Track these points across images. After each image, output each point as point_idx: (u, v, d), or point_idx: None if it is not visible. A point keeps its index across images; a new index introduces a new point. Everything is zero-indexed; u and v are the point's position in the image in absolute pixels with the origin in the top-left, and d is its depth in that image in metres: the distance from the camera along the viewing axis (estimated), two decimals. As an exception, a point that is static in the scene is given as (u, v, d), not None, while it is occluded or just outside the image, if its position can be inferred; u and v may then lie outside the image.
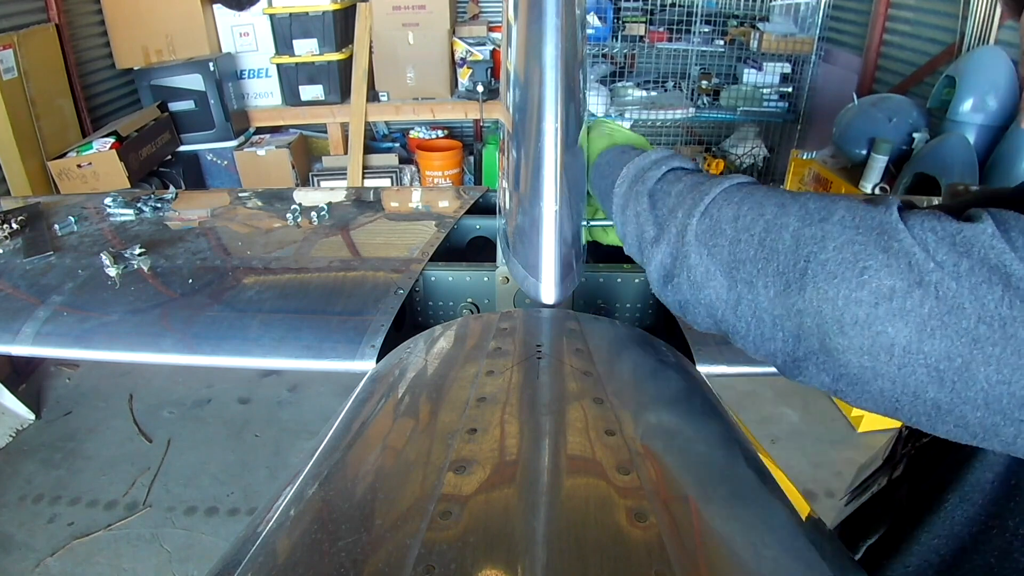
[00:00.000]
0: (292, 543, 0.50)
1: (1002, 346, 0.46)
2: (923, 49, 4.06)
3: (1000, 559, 0.63)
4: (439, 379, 0.72)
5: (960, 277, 0.48)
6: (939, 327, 0.48)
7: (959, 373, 0.48)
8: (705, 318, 0.67)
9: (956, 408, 0.50)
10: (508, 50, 0.84)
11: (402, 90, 4.84)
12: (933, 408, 0.51)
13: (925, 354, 0.49)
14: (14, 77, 3.36)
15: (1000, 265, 0.47)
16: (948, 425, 0.52)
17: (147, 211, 1.48)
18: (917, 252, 0.50)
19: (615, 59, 5.42)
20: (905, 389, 0.51)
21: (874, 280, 0.51)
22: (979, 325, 0.47)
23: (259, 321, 1.04)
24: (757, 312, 0.60)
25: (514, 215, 0.91)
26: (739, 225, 0.62)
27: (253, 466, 2.99)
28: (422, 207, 1.68)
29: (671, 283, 0.68)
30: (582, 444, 0.56)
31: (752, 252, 0.60)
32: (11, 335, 1.03)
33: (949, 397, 0.49)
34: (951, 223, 0.50)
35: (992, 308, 0.46)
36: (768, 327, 0.60)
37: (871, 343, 0.51)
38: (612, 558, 0.42)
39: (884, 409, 0.55)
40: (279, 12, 4.45)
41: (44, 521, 2.67)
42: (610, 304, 1.17)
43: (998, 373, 0.47)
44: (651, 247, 0.70)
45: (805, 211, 0.58)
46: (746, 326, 0.62)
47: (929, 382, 0.50)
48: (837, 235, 0.54)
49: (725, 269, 0.62)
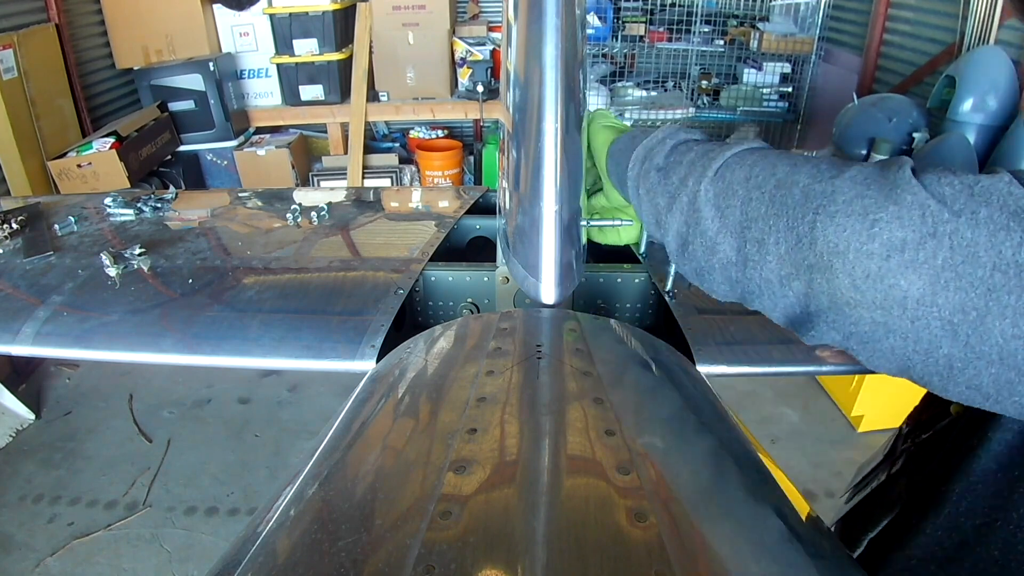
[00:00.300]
0: (292, 543, 0.50)
1: (1018, 294, 0.45)
2: (923, 49, 4.06)
3: (1004, 551, 0.63)
4: (439, 379, 0.72)
5: (977, 225, 0.47)
6: (953, 278, 0.47)
7: (973, 326, 0.47)
8: (721, 284, 0.66)
9: (970, 365, 0.48)
10: (508, 50, 0.84)
11: (402, 90, 4.84)
12: (946, 366, 0.50)
13: (939, 307, 0.48)
14: (14, 77, 3.36)
15: (1020, 210, 0.46)
16: (960, 386, 0.50)
17: (147, 211, 1.48)
18: (931, 204, 0.49)
19: (615, 59, 5.42)
20: (918, 345, 0.50)
21: (885, 232, 0.50)
22: (994, 274, 0.46)
23: (259, 321, 1.04)
24: (766, 272, 0.59)
25: (514, 215, 0.91)
26: (751, 184, 0.61)
27: (253, 466, 2.99)
28: (422, 207, 1.68)
29: (686, 251, 0.68)
30: (582, 444, 0.56)
31: (763, 209, 0.59)
32: (11, 335, 1.03)
33: (963, 352, 0.48)
34: (967, 176, 0.50)
35: (1009, 255, 0.45)
36: (777, 287, 0.59)
37: (883, 296, 0.50)
38: (612, 558, 0.42)
39: (896, 367, 0.54)
40: (279, 12, 4.45)
41: (44, 521, 2.67)
42: (610, 304, 1.17)
43: (1014, 326, 0.45)
44: (666, 217, 0.70)
45: (817, 169, 0.57)
46: (758, 287, 0.61)
47: (943, 336, 0.49)
48: (847, 189, 0.54)
49: (736, 229, 0.62)
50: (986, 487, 0.66)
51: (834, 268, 0.53)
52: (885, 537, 0.82)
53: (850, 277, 0.52)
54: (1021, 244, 0.45)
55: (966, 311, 0.47)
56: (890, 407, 3.04)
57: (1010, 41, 3.39)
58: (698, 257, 0.67)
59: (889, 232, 0.50)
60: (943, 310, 0.48)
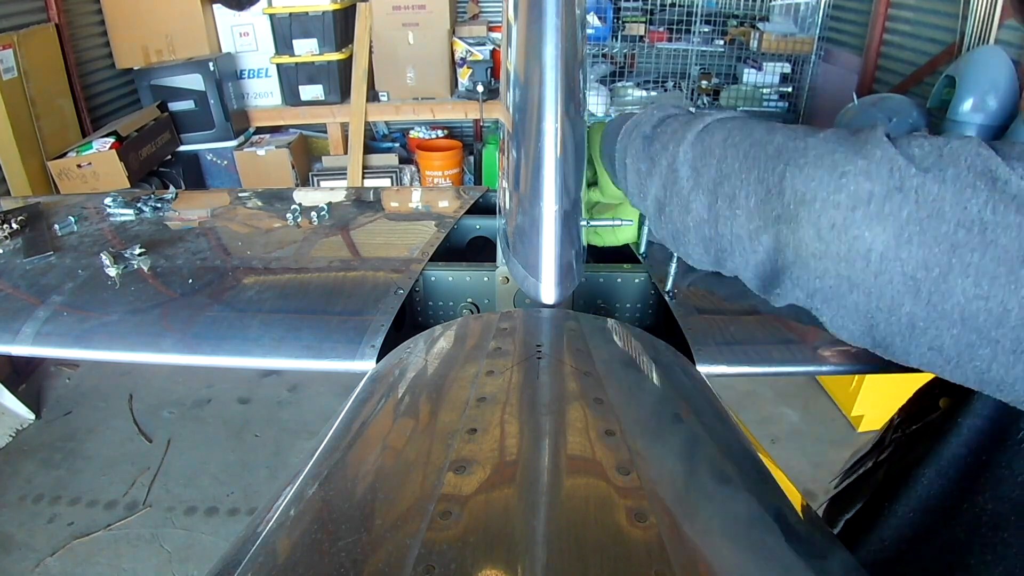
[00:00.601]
0: (292, 543, 0.50)
1: (980, 252, 0.45)
2: (923, 49, 4.06)
3: (969, 533, 0.64)
4: (439, 379, 0.72)
5: (944, 182, 0.47)
6: (917, 232, 0.48)
7: (936, 284, 0.47)
8: (695, 246, 0.67)
9: (932, 324, 0.49)
10: (508, 50, 0.84)
11: (402, 90, 4.84)
12: (908, 325, 0.50)
13: (902, 261, 0.48)
14: (14, 77, 3.36)
15: (987, 170, 0.46)
16: (923, 347, 0.51)
17: (147, 211, 1.48)
18: (900, 160, 0.50)
19: (615, 59, 5.42)
20: (881, 302, 0.51)
21: (852, 184, 0.51)
22: (958, 230, 0.46)
23: (259, 321, 1.04)
24: (736, 228, 0.60)
25: (514, 215, 0.91)
26: (727, 143, 0.63)
27: (253, 466, 2.99)
28: (422, 207, 1.68)
29: (663, 214, 0.70)
30: (582, 444, 0.56)
31: (737, 165, 0.60)
32: (11, 335, 1.03)
33: (925, 311, 0.49)
34: (938, 139, 0.50)
35: (974, 213, 0.46)
36: (747, 242, 0.60)
37: (847, 248, 0.51)
38: (612, 558, 0.42)
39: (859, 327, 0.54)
40: (279, 12, 4.45)
41: (44, 521, 2.67)
42: (610, 304, 1.17)
43: (976, 286, 0.46)
44: (646, 181, 0.72)
45: (793, 131, 0.59)
46: (729, 244, 0.62)
47: (905, 292, 0.49)
48: (819, 145, 0.55)
49: (710, 187, 0.63)
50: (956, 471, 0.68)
51: (800, 218, 0.54)
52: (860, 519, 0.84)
53: (815, 227, 0.53)
54: (987, 203, 0.45)
55: (929, 267, 0.47)
56: (890, 407, 3.02)
57: (1010, 41, 3.39)
58: (674, 219, 0.68)
59: (856, 184, 0.51)
60: (906, 265, 0.48)
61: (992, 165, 0.46)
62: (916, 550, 0.71)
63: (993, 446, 0.64)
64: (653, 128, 0.73)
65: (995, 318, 0.45)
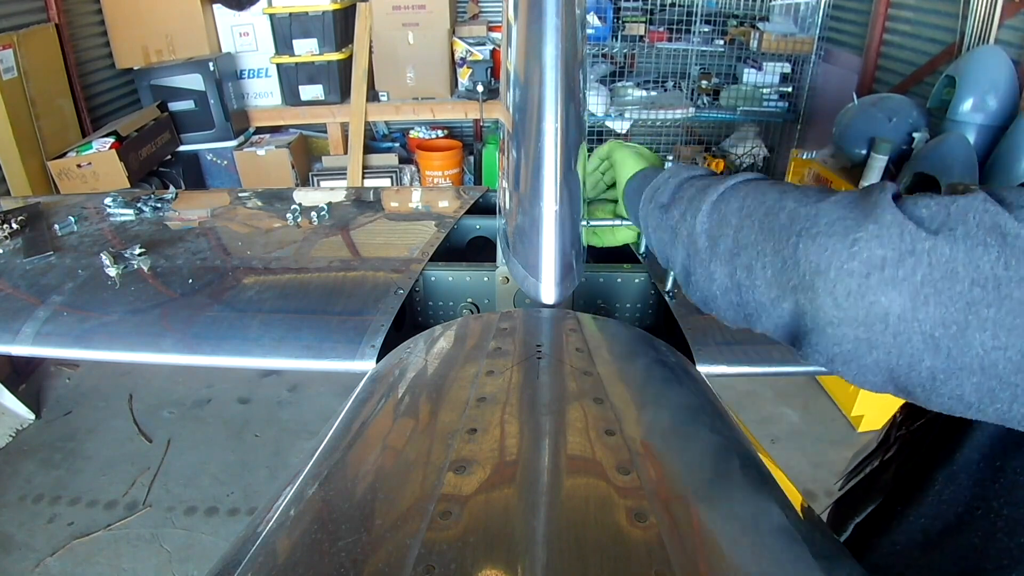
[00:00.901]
0: (292, 543, 0.50)
1: (996, 307, 0.46)
2: (923, 49, 4.06)
3: (984, 539, 0.64)
4: (439, 379, 0.72)
5: (955, 242, 0.48)
6: (932, 294, 0.48)
7: (954, 340, 0.48)
8: (726, 310, 0.68)
9: (952, 376, 0.49)
10: (508, 50, 0.84)
11: (402, 90, 4.84)
12: (929, 378, 0.51)
13: (920, 321, 0.49)
14: (14, 77, 3.36)
15: (996, 226, 0.47)
16: (943, 396, 0.51)
17: (147, 211, 1.48)
18: (909, 224, 0.50)
19: (615, 59, 5.42)
20: (901, 359, 0.51)
21: (865, 251, 0.51)
22: (973, 288, 0.47)
23: (259, 321, 1.04)
24: (758, 295, 0.61)
25: (514, 215, 0.91)
26: (743, 214, 0.64)
27: (253, 466, 2.99)
28: (422, 207, 1.68)
29: (691, 281, 0.71)
30: (582, 444, 0.56)
31: (752, 236, 0.61)
32: (11, 335, 1.03)
33: (945, 364, 0.49)
34: (944, 198, 0.51)
35: (987, 270, 0.46)
36: (771, 308, 0.61)
37: (865, 314, 0.52)
38: (612, 558, 0.42)
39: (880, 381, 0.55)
40: (279, 12, 4.45)
41: (44, 521, 2.67)
42: (610, 304, 1.17)
43: (994, 338, 0.47)
44: (670, 251, 0.74)
45: (803, 195, 0.60)
46: (755, 310, 0.63)
47: (925, 350, 0.50)
48: (830, 211, 0.55)
49: (727, 257, 0.64)
50: (968, 476, 0.67)
51: (816, 287, 0.55)
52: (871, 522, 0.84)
53: (832, 296, 0.53)
54: (998, 259, 0.46)
55: (947, 325, 0.48)
56: (890, 407, 3.02)
57: (1010, 41, 3.39)
58: (701, 287, 0.69)
59: (869, 250, 0.51)
60: (924, 325, 0.49)
61: (1000, 220, 0.47)
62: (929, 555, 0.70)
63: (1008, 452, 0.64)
64: (670, 196, 0.75)
65: (1014, 365, 0.47)
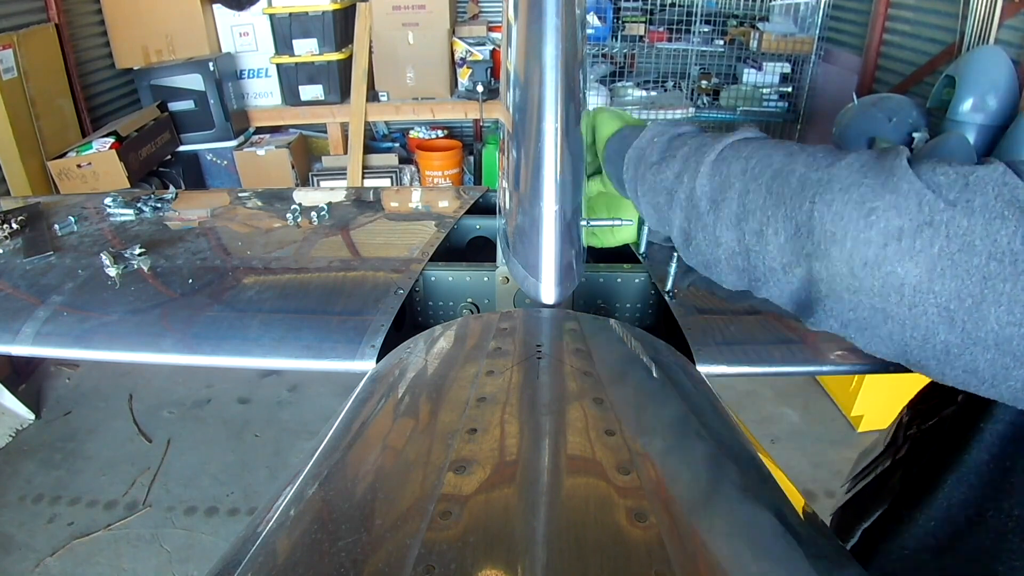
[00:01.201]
0: (292, 543, 0.50)
1: (1012, 282, 0.45)
2: (923, 49, 4.06)
3: (996, 541, 0.64)
4: (439, 379, 0.72)
5: (973, 213, 0.47)
6: (949, 266, 0.48)
7: (969, 313, 0.48)
8: (728, 274, 0.67)
9: (966, 351, 0.49)
10: (508, 50, 0.84)
11: (402, 90, 4.84)
12: (943, 351, 0.51)
13: (935, 294, 0.49)
14: (14, 77, 3.36)
15: (1015, 200, 0.47)
16: (957, 371, 0.51)
17: (147, 211, 1.48)
18: (927, 193, 0.50)
19: (615, 59, 5.42)
20: (915, 331, 0.51)
21: (882, 220, 0.51)
22: (990, 262, 0.46)
23: (259, 321, 1.04)
24: (768, 260, 0.60)
25: (514, 215, 0.91)
26: (747, 177, 0.62)
27: (253, 466, 2.99)
28: (422, 207, 1.68)
29: (691, 245, 0.69)
30: (582, 444, 0.56)
31: (761, 201, 0.60)
32: (11, 335, 1.03)
33: (959, 339, 0.49)
34: (962, 166, 0.50)
35: (1004, 244, 0.46)
36: (781, 274, 0.60)
37: (881, 284, 0.51)
38: (612, 558, 0.42)
39: (893, 352, 0.55)
40: (279, 12, 4.45)
41: (44, 521, 2.67)
42: (610, 304, 1.17)
43: (1009, 313, 0.46)
44: (667, 214, 0.71)
45: (813, 158, 0.58)
46: (763, 275, 0.62)
47: (940, 323, 0.49)
48: (844, 178, 0.54)
49: (734, 221, 0.63)
50: (979, 478, 0.67)
51: (832, 256, 0.54)
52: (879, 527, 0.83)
53: (848, 265, 0.53)
54: (1015, 233, 0.46)
55: (962, 299, 0.48)
56: (890, 407, 3.03)
57: (1010, 41, 3.39)
58: (703, 251, 0.68)
59: (886, 221, 0.51)
60: (940, 297, 0.49)
61: (1019, 195, 0.47)
62: (940, 559, 0.70)
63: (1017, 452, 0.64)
64: (661, 155, 0.72)
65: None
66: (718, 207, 0.64)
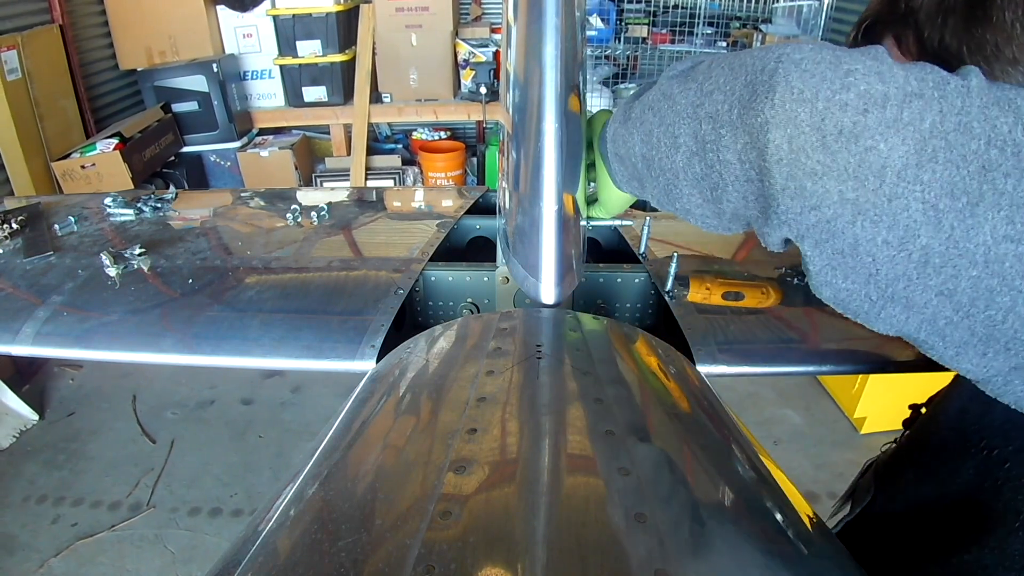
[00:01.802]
0: (292, 543, 0.49)
1: (1016, 179, 0.39)
2: (926, 50, 4.06)
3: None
4: (439, 379, 0.72)
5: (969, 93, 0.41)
6: (943, 148, 0.40)
7: (961, 216, 0.40)
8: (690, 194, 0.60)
9: (949, 264, 0.42)
10: (508, 51, 0.84)
11: (405, 91, 4.85)
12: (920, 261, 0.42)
13: (924, 184, 0.41)
14: (18, 78, 3.37)
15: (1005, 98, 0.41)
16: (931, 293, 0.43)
17: (147, 211, 1.48)
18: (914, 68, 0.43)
19: (618, 61, 5.42)
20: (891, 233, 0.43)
21: (862, 83, 0.42)
22: (990, 149, 0.39)
23: (259, 321, 1.04)
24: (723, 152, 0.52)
25: (514, 215, 0.91)
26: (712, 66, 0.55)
27: (256, 467, 2.99)
28: (422, 207, 1.68)
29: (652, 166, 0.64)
30: (582, 444, 0.56)
31: (721, 80, 0.52)
32: (11, 335, 1.03)
33: (944, 247, 0.41)
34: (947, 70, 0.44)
35: (1005, 132, 0.39)
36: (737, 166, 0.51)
37: (858, 162, 0.42)
38: (612, 558, 0.42)
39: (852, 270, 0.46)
40: (282, 13, 4.46)
41: (48, 522, 2.68)
42: (610, 304, 1.17)
43: (1008, 223, 0.39)
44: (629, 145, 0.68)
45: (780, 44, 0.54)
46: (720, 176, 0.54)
47: (924, 222, 0.41)
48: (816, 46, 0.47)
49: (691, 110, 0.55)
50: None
51: (799, 120, 0.44)
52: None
53: (819, 132, 0.43)
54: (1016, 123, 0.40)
55: (955, 195, 0.40)
56: (893, 409, 3.02)
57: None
58: (663, 166, 0.60)
59: (867, 83, 0.42)
60: (928, 190, 0.41)
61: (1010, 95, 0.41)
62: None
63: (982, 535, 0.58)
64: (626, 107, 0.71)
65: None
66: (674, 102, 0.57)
